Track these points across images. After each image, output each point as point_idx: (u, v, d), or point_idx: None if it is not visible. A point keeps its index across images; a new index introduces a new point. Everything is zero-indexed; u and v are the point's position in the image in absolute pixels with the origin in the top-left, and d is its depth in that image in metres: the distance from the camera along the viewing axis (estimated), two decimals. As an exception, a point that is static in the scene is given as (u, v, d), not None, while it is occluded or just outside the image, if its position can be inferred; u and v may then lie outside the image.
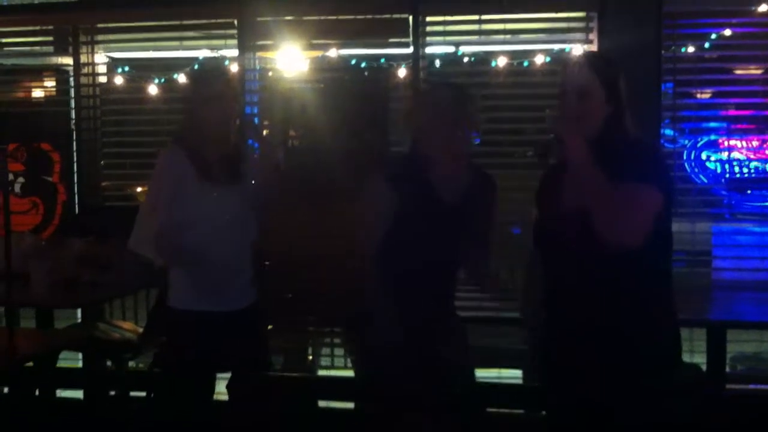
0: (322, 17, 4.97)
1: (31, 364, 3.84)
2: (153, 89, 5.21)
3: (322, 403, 4.19)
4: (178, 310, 3.25)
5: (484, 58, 4.84)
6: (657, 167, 2.51)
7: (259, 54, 5.14)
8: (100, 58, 5.41)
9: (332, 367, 5.02)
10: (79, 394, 4.58)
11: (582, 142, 2.39)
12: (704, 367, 4.05)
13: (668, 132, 4.66)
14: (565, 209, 2.50)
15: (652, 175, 2.42)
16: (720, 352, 4.03)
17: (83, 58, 5.33)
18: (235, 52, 5.06)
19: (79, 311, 4.94)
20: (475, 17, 4.93)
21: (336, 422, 4.00)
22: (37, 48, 5.63)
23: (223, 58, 5.19)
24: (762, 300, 4.38)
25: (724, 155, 4.78)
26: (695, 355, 4.05)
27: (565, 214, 2.50)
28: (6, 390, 4.10)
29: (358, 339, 3.07)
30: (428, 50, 4.85)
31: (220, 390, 3.45)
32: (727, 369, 4.31)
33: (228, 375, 3.43)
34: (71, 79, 5.37)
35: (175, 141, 3.28)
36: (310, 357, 5.11)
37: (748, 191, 4.72)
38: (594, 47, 4.60)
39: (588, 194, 2.37)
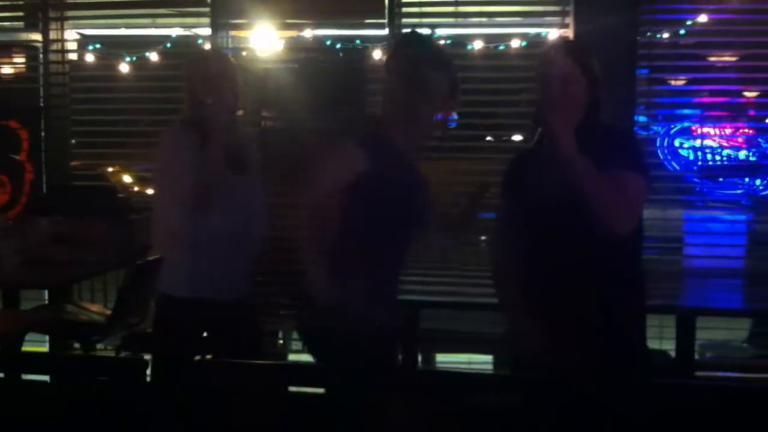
0: (297, -4, 4.91)
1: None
2: (124, 67, 5.13)
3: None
4: (173, 297, 3.22)
5: (460, 41, 4.81)
6: (641, 154, 2.60)
7: (232, 33, 5.07)
8: (71, 34, 5.30)
9: (304, 351, 4.98)
10: (45, 377, 4.52)
11: (571, 129, 2.40)
12: (673, 354, 4.07)
13: (642, 118, 4.66)
14: (552, 197, 2.50)
15: (639, 162, 2.50)
16: (689, 339, 4.05)
17: (53, 35, 5.22)
18: (207, 31, 4.99)
19: (46, 293, 4.88)
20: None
21: (307, 407, 3.98)
22: (6, 24, 5.51)
23: (196, 36, 5.12)
24: (732, 287, 4.41)
25: (697, 142, 4.80)
26: (664, 341, 4.07)
27: (552, 202, 2.49)
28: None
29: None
30: (404, 32, 4.81)
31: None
32: (696, 356, 4.33)
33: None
34: (41, 55, 5.27)
35: (179, 122, 3.23)
36: (281, 341, 5.09)
37: (720, 179, 4.74)
38: (570, 31, 4.59)
39: (582, 182, 2.38)
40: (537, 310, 2.56)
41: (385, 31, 4.80)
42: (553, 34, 4.67)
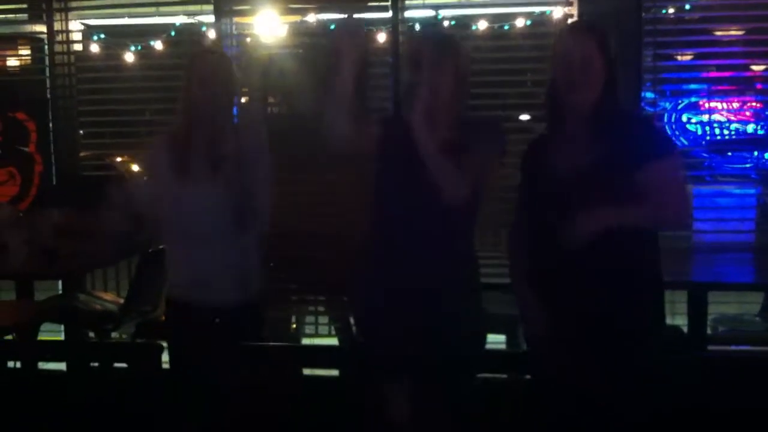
0: (300, -19, 4.90)
1: (11, 336, 3.83)
2: (129, 56, 5.14)
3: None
4: (171, 300, 3.14)
5: (465, 22, 4.80)
6: (666, 138, 2.80)
7: (235, 19, 5.07)
8: (75, 25, 5.31)
9: (316, 335, 5.01)
10: (61, 366, 4.56)
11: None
12: (685, 329, 4.08)
13: (649, 95, 4.65)
14: (569, 178, 2.51)
15: (669, 147, 2.59)
16: (701, 313, 4.05)
17: (57, 26, 5.23)
18: (211, 18, 4.99)
19: (59, 282, 4.90)
20: (455, -20, 4.89)
21: (321, 390, 4.00)
22: (10, 16, 5.51)
23: (200, 23, 5.12)
24: (742, 261, 4.41)
25: (705, 117, 4.79)
26: (676, 317, 4.07)
27: (569, 182, 2.51)
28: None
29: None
30: (408, 14, 4.80)
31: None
32: (708, 330, 4.34)
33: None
34: (46, 47, 5.28)
35: (166, 133, 3.11)
36: (294, 325, 5.11)
37: (729, 153, 4.73)
38: (574, 9, 4.57)
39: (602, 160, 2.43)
40: (552, 288, 2.57)
41: (389, 14, 4.79)
42: (557, 12, 4.65)
